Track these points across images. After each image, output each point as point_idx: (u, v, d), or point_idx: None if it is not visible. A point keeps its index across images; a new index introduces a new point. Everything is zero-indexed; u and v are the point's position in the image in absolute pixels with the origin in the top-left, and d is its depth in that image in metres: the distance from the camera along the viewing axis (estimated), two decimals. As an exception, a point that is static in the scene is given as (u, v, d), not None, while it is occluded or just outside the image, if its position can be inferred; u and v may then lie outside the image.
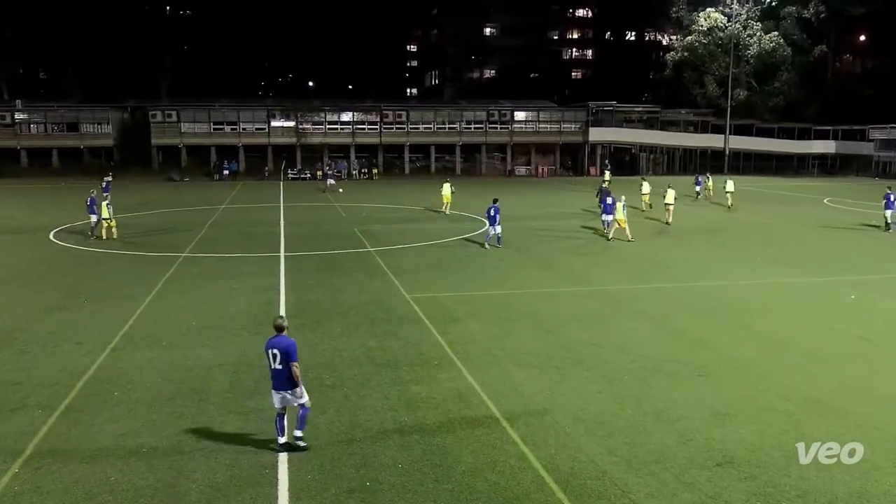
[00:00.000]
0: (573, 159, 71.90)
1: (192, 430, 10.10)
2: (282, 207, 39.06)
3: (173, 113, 64.21)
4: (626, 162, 69.72)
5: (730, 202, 37.65)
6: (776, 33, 74.49)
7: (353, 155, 66.91)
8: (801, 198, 44.67)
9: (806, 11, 74.51)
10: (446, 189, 35.77)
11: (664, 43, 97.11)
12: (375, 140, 67.55)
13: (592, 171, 67.27)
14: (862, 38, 79.81)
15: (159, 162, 64.48)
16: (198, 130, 64.38)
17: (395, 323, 15.27)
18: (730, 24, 74.46)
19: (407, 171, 68.38)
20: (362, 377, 12.03)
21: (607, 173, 48.61)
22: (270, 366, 9.39)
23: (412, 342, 13.96)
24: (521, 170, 69.62)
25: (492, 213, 25.07)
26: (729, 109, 70.56)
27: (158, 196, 31.21)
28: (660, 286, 19.16)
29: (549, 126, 70.67)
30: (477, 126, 69.42)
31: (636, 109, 76.16)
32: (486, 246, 24.90)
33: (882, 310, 16.58)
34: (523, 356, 13.08)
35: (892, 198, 29.81)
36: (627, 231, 26.78)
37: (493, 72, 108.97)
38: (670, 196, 31.86)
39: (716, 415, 10.48)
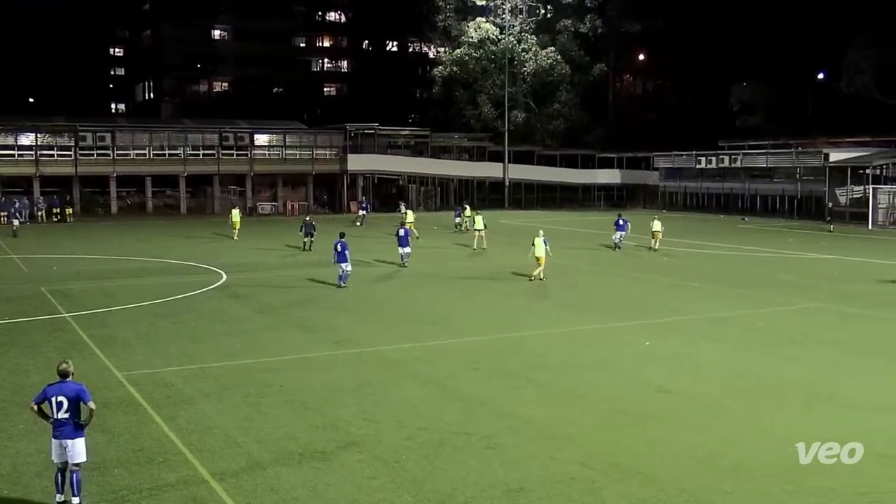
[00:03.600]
0: (330, 192, 72.63)
1: None
2: (-67, 263, 35.23)
3: None
4: (392, 195, 71.75)
5: (481, 243, 40.21)
6: (553, 48, 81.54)
7: (37, 189, 62.17)
8: (588, 234, 48.79)
9: (582, 25, 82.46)
10: (235, 215, 45.51)
11: (431, 56, 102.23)
12: (69, 170, 63.41)
13: (353, 206, 68.43)
14: (641, 56, 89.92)
15: None
16: None
17: (103, 411, 14.15)
18: (503, 36, 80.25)
19: (114, 209, 64.94)
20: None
21: (410, 213, 47.82)
22: (53, 416, 10.21)
23: (127, 435, 13.07)
24: (266, 207, 69.01)
25: (338, 248, 27.26)
26: (507, 134, 75.63)
27: None
28: (441, 343, 19.76)
29: (298, 152, 70.91)
30: (207, 152, 67.88)
31: (402, 133, 78.97)
32: (343, 284, 27.27)
33: (677, 356, 18.43)
34: (278, 442, 12.75)
35: (621, 222, 39.67)
36: (541, 271, 28.97)
37: (225, 85, 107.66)
38: (479, 222, 39.86)
39: (509, 492, 10.87)
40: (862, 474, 11.37)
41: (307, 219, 40.95)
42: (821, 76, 75.26)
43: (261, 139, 71.20)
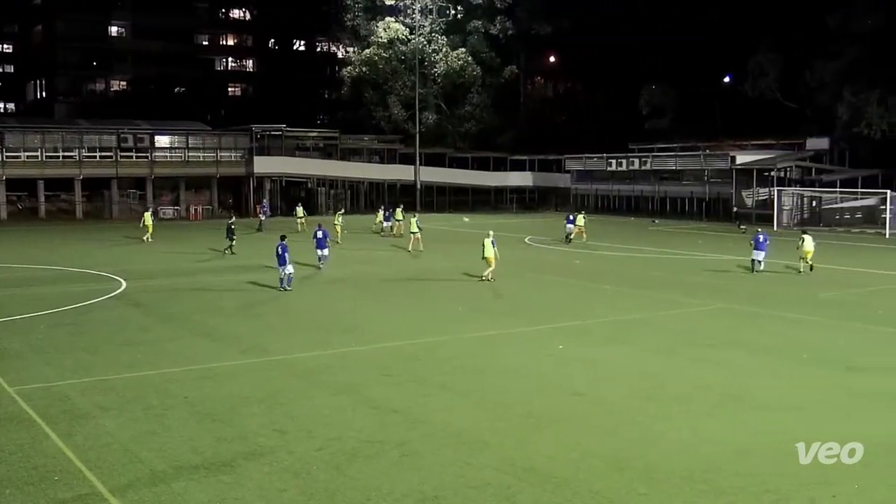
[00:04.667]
0: (235, 196, 71.56)
1: None
2: None
3: None
4: (301, 198, 71.07)
5: (417, 245, 40.50)
6: (464, 50, 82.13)
7: (-83, 195, 59.62)
8: (501, 237, 49.14)
9: (493, 27, 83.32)
10: (147, 218, 45.85)
11: (340, 56, 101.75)
12: (-46, 173, 61.03)
13: (259, 210, 67.59)
14: (552, 58, 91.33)
15: None
16: None
17: (-6, 429, 13.69)
18: (413, 36, 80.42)
19: (3, 215, 62.65)
20: (-56, 513, 10.55)
21: (340, 216, 48.27)
22: None
23: (20, 453, 12.59)
24: (168, 211, 67.55)
25: (279, 251, 27.76)
26: (418, 136, 75.78)
27: None
28: (352, 350, 19.69)
29: (202, 155, 69.69)
30: (104, 154, 66.10)
31: (310, 135, 78.44)
32: (286, 287, 27.78)
33: (589, 359, 18.78)
34: (183, 456, 12.49)
35: (570, 217, 45.51)
36: (491, 272, 30.03)
37: (123, 84, 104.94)
38: (414, 225, 40.46)
39: (424, 500, 10.91)
40: (770, 473, 11.79)
41: (230, 222, 40.91)
42: (727, 79, 77.80)
43: (162, 140, 69.65)
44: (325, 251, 33.11)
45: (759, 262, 32.55)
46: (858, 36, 61.19)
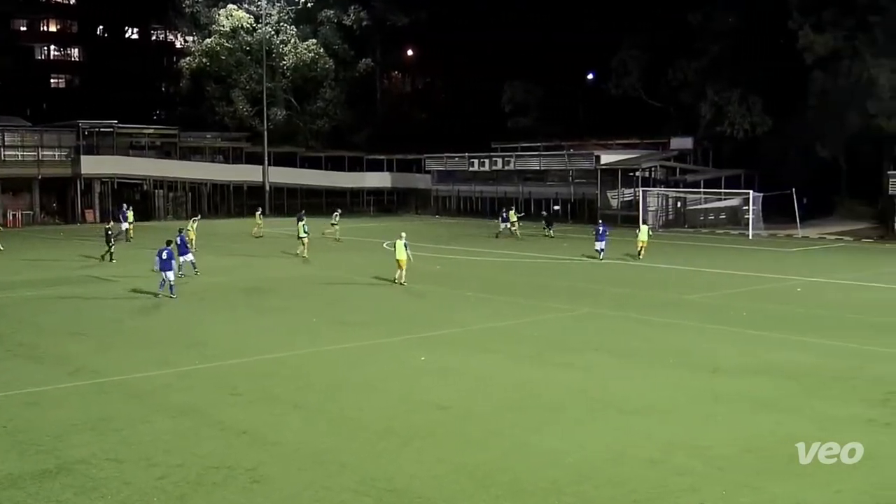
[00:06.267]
0: (60, 200, 68.84)
1: None
2: None
3: None
4: (134, 202, 68.91)
5: (305, 252, 40.32)
6: (315, 41, 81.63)
7: None
8: (357, 242, 49.24)
9: (346, 17, 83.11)
10: None
11: (178, 45, 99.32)
12: None
13: (89, 215, 65.30)
14: (410, 52, 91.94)
15: None
16: None
17: None
18: (259, 26, 79.39)
19: None
20: None
21: (194, 222, 46.69)
22: None
23: None
24: (-21, 217, 64.32)
25: (164, 255, 27.76)
26: (266, 134, 74.87)
27: None
28: (195, 368, 19.27)
29: (20, 153, 66.83)
30: None
31: (146, 132, 76.35)
32: (172, 295, 27.78)
33: (453, 370, 19.03)
34: (1, 493, 11.95)
35: (504, 215, 52.92)
36: (403, 274, 31.15)
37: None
38: (301, 229, 40.61)
39: (279, 529, 10.84)
40: (639, 480, 12.27)
41: (107, 227, 40.78)
42: (590, 77, 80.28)
43: (-28, 138, 66.34)
44: (190, 256, 33.39)
45: (601, 250, 39.15)
46: (719, 34, 64.44)
